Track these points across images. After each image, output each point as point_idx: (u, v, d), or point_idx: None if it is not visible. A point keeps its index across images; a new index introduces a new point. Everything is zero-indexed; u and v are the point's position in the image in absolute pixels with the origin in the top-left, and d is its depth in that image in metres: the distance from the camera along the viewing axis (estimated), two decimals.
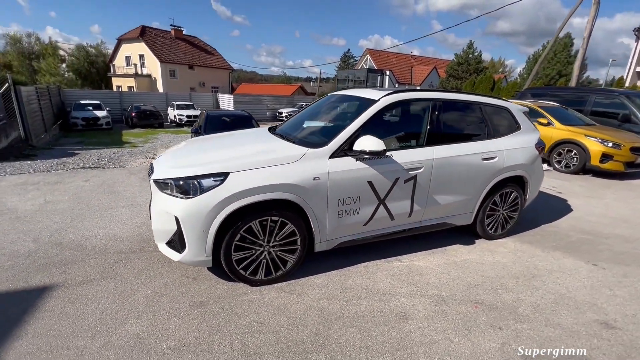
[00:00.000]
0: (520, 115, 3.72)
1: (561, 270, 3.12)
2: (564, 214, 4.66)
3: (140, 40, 30.50)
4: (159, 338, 2.04)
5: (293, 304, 2.44)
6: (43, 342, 1.96)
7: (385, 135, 3.23)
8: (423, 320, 2.33)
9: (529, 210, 4.71)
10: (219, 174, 2.40)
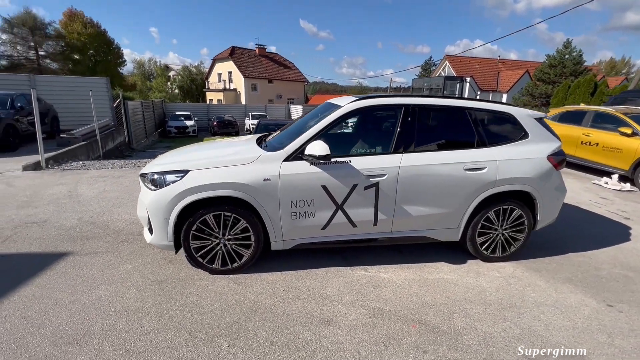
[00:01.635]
0: (530, 121, 3.24)
1: (555, 305, 2.61)
2: (611, 243, 3.79)
3: (229, 59, 34.82)
4: (112, 302, 2.47)
5: (233, 294, 2.64)
6: (38, 291, 2.57)
7: (347, 141, 3.23)
8: (345, 329, 2.27)
9: (565, 232, 4.00)
10: (180, 170, 2.78)
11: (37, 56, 29.27)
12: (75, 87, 12.55)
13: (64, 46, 29.85)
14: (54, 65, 29.72)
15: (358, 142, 3.10)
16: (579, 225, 4.38)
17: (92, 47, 30.82)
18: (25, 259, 3.06)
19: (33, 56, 29.13)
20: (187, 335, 2.15)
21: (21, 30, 27.91)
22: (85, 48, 30.36)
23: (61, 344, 2.03)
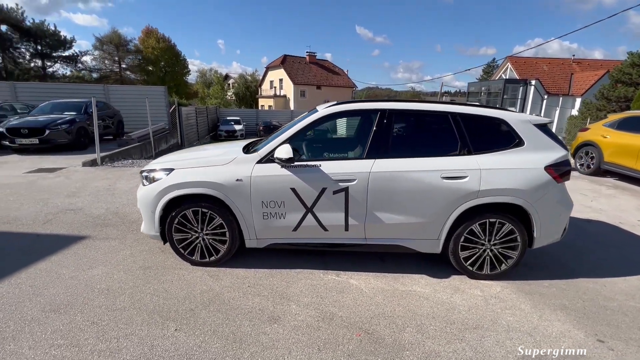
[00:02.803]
0: (527, 128, 2.94)
1: (530, 333, 2.33)
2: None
3: (281, 67, 36.46)
4: (101, 281, 2.84)
5: (201, 284, 2.84)
6: (49, 266, 3.06)
7: (323, 145, 3.25)
8: (287, 329, 2.31)
9: (586, 254, 3.56)
10: (167, 169, 3.09)
11: (120, 68, 33.95)
12: (139, 95, 14.29)
13: (140, 59, 34.20)
14: (132, 76, 34.17)
15: (333, 147, 3.12)
16: (609, 248, 3.81)
17: (164, 59, 34.80)
18: (53, 239, 3.64)
19: (117, 69, 33.84)
20: (145, 316, 2.39)
21: (109, 47, 32.68)
22: (157, 60, 34.41)
23: (48, 310, 2.42)
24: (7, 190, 5.38)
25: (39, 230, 3.84)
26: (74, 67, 31.34)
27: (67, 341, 2.12)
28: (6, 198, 4.96)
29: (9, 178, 6.18)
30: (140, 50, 34.12)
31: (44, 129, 8.72)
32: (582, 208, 5.29)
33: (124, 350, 2.05)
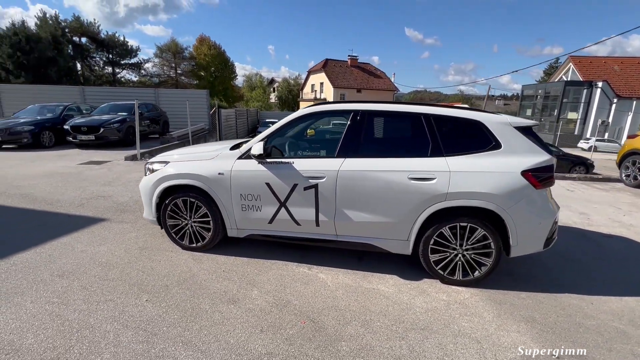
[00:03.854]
0: (506, 130, 2.82)
1: (479, 340, 2.27)
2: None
3: (322, 71, 37.09)
4: (103, 256, 3.29)
5: (183, 266, 3.16)
6: (69, 240, 3.61)
7: (300, 143, 3.40)
8: (241, 310, 2.51)
9: (589, 270, 3.29)
10: (163, 162, 3.48)
11: (176, 74, 37.16)
12: (184, 98, 15.62)
13: (194, 65, 37.12)
14: (186, 81, 37.22)
15: (309, 145, 3.26)
16: (618, 266, 3.46)
17: (214, 65, 37.38)
18: (79, 220, 4.26)
19: (173, 74, 37.11)
20: (127, 287, 2.76)
21: (167, 55, 36.00)
22: (208, 66, 37.06)
23: (55, 275, 2.89)
24: (59, 177, 6.33)
25: (72, 212, 4.51)
26: (138, 73, 35.03)
27: (60, 300, 2.54)
28: (56, 184, 5.84)
29: (64, 168, 7.24)
30: (193, 57, 37.07)
31: (99, 127, 10.00)
32: (610, 222, 4.78)
33: (99, 312, 2.41)
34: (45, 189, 5.53)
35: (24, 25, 22.44)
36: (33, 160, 8.13)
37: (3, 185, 5.68)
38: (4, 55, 21.34)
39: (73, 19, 29.23)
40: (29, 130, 9.72)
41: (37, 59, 22.35)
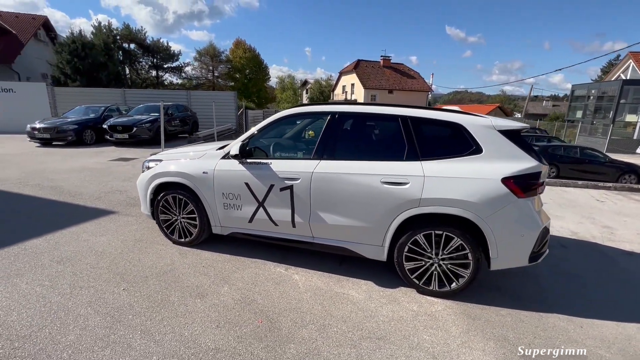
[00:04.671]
0: (488, 134, 2.64)
1: (435, 355, 2.15)
2: None
3: (353, 72, 36.89)
4: (101, 245, 3.56)
5: (168, 259, 3.32)
6: (77, 229, 3.95)
7: (281, 145, 3.42)
8: (206, 304, 2.59)
9: (598, 291, 3.01)
10: (157, 160, 3.69)
11: (213, 76, 38.99)
12: (214, 99, 16.35)
13: (229, 68, 38.69)
14: (222, 83, 38.91)
15: (288, 146, 3.28)
16: (629, 288, 3.07)
17: (248, 67, 38.70)
18: (92, 211, 4.65)
19: (211, 77, 38.97)
20: (110, 275, 2.96)
21: (205, 58, 37.89)
22: (243, 68, 38.43)
23: (54, 261, 3.19)
24: (88, 172, 6.93)
25: (88, 204, 4.93)
26: (179, 76, 37.28)
27: (50, 283, 2.79)
28: (84, 178, 6.41)
29: (95, 164, 7.91)
30: (230, 60, 38.65)
31: (132, 126, 10.79)
32: (637, 238, 4.26)
33: (79, 297, 2.62)
34: (73, 182, 6.09)
35: (81, 34, 24.73)
36: (73, 156, 8.98)
37: (39, 177, 6.34)
38: (63, 61, 23.65)
39: (123, 27, 31.86)
40: (73, 129, 10.74)
41: (91, 64, 24.47)
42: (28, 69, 24.35)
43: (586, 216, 5.05)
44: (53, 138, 10.63)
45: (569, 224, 4.69)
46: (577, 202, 5.85)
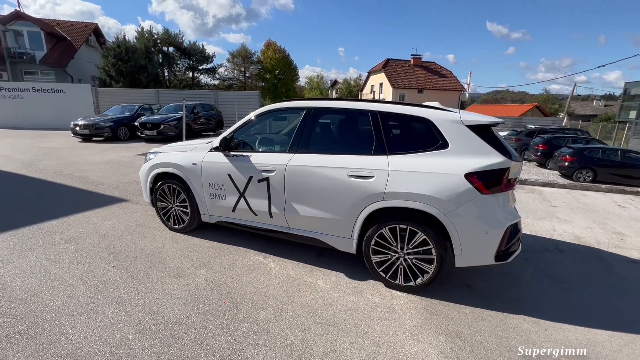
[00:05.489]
0: (455, 129, 2.60)
1: (379, 344, 2.19)
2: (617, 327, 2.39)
3: (382, 72, 36.36)
4: (106, 228, 3.94)
5: (160, 243, 3.60)
6: (90, 214, 4.39)
7: (260, 139, 3.57)
8: (180, 284, 2.81)
9: (564, 293, 2.89)
10: (156, 152, 4.00)
11: (244, 77, 40.33)
12: (238, 98, 16.98)
13: (260, 69, 39.82)
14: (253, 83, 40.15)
15: (268, 140, 3.43)
16: (617, 295, 2.88)
17: (278, 68, 39.58)
18: (107, 199, 5.12)
19: (242, 77, 40.35)
20: (106, 254, 3.29)
21: (238, 60, 39.30)
22: (273, 69, 39.38)
23: (63, 240, 3.59)
24: (115, 165, 7.58)
25: (106, 192, 5.43)
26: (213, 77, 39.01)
27: (54, 257, 3.17)
28: (108, 170, 7.03)
29: (123, 157, 8.61)
30: (260, 61, 39.78)
31: (160, 124, 11.55)
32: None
33: (74, 270, 2.95)
34: (99, 173, 6.70)
35: (125, 39, 26.68)
36: (105, 150, 9.83)
37: (71, 168, 7.05)
38: (109, 64, 25.69)
39: (163, 32, 34.03)
40: (109, 125, 11.72)
41: (132, 67, 26.35)
42: (80, 72, 26.73)
43: (598, 221, 4.70)
44: (92, 134, 11.67)
45: (575, 228, 4.40)
46: (593, 207, 5.44)
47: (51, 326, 2.23)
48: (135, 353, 2.03)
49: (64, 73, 24.81)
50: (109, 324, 2.27)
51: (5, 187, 5.51)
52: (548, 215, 4.90)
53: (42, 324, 2.25)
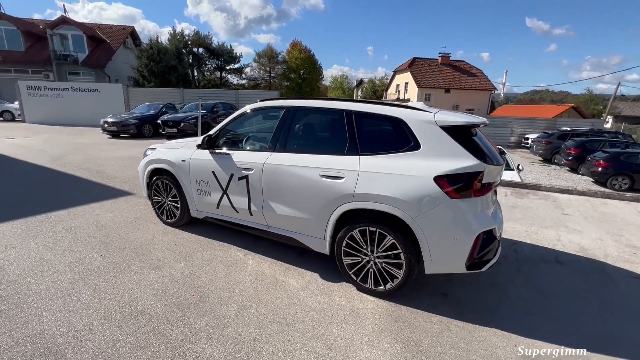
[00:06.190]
0: (428, 130, 2.49)
1: (331, 347, 2.16)
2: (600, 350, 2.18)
3: (407, 71, 35.55)
4: (105, 220, 4.17)
5: (150, 236, 3.76)
6: (96, 205, 4.67)
7: (244, 137, 3.61)
8: (156, 275, 2.93)
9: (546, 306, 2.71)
10: (153, 148, 4.18)
11: (270, 77, 41.04)
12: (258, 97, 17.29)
13: (285, 68, 40.33)
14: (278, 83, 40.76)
15: (251, 139, 3.46)
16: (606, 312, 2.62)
17: (303, 68, 39.87)
18: (116, 192, 5.41)
19: (267, 77, 41.08)
20: (98, 243, 3.49)
21: (264, 60, 40.07)
22: (298, 69, 39.73)
23: (64, 229, 3.85)
24: (132, 160, 8.00)
25: (116, 186, 5.75)
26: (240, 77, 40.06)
27: (52, 244, 3.41)
28: (124, 165, 7.43)
29: (140, 153, 8.96)
30: (286, 61, 40.29)
31: (180, 122, 12.04)
32: None
33: (65, 257, 3.16)
34: (115, 167, 7.11)
35: (158, 41, 28.03)
36: (128, 146, 10.40)
37: (92, 163, 7.54)
38: (142, 65, 27.07)
39: (193, 33, 35.45)
40: (134, 123, 12.39)
41: (164, 67, 27.62)
42: (117, 72, 28.45)
43: (613, 232, 4.30)
44: (119, 131, 12.39)
45: (583, 239, 4.06)
46: (612, 217, 4.99)
47: (29, 308, 2.41)
48: (95, 338, 2.14)
49: (102, 73, 26.48)
50: (80, 310, 2.41)
51: (30, 179, 5.99)
52: (556, 223, 4.56)
53: (22, 305, 2.43)
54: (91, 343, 2.10)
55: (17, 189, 5.32)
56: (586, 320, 2.56)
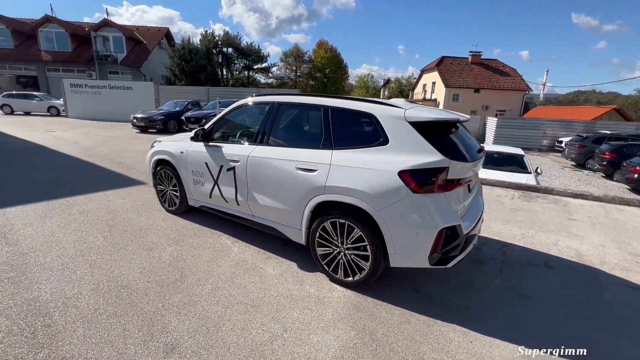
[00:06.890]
0: (397, 126, 2.53)
1: (286, 329, 2.27)
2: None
3: (435, 70, 34.58)
4: (115, 205, 4.55)
5: (151, 221, 4.07)
6: (110, 192, 5.08)
7: (236, 131, 3.79)
8: (147, 256, 3.18)
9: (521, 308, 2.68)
10: (159, 141, 4.49)
11: (295, 76, 41.60)
12: None
13: (311, 67, 40.73)
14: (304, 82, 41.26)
15: (241, 133, 3.63)
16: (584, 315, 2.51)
17: (329, 67, 40.08)
18: (130, 181, 5.84)
19: (293, 76, 41.68)
20: (103, 226, 3.84)
21: (290, 59, 40.70)
22: (324, 68, 39.98)
23: (78, 212, 4.25)
24: None
25: (132, 176, 6.20)
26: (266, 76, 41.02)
27: (64, 224, 3.80)
28: (144, 157, 7.92)
29: None
30: (312, 60, 40.70)
31: (202, 118, 12.60)
32: None
33: (72, 235, 3.52)
34: (135, 159, 7.63)
35: (189, 41, 29.32)
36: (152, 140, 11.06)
37: (117, 154, 8.13)
38: (174, 64, 28.43)
39: (223, 34, 36.75)
40: (160, 119, 13.14)
41: (194, 67, 28.86)
42: (152, 71, 30.12)
43: (619, 240, 4.04)
44: (147, 126, 13.20)
45: (582, 245, 3.85)
46: (624, 224, 4.66)
47: (33, 276, 2.74)
48: (80, 305, 2.41)
49: (139, 72, 28.12)
50: (74, 281, 2.71)
51: (60, 167, 6.61)
52: (558, 228, 4.35)
53: (27, 273, 2.77)
54: (76, 309, 2.36)
55: (47, 175, 5.91)
56: (556, 326, 2.48)
